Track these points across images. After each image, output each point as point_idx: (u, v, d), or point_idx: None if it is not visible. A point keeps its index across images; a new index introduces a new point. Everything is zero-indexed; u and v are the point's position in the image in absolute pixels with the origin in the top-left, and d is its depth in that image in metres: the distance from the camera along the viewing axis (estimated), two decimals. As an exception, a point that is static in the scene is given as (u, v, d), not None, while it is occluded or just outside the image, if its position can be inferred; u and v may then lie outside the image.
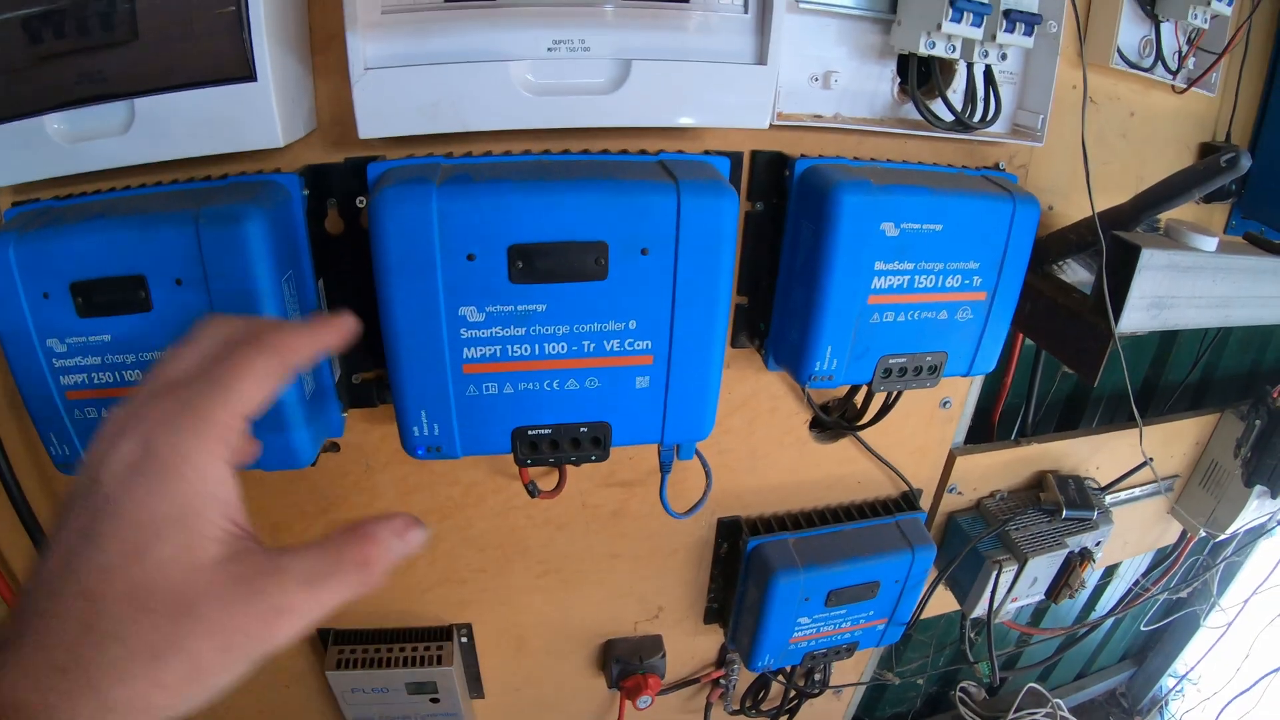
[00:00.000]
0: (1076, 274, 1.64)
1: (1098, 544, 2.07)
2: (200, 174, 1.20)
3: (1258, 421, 2.31)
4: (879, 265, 1.32)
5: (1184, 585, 3.35)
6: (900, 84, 1.46)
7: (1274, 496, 2.38)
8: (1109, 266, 1.46)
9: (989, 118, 1.44)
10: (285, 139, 1.10)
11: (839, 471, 1.83)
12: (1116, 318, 1.47)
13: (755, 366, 1.59)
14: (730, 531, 1.83)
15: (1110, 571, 3.17)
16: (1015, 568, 1.94)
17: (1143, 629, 3.75)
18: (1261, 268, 1.79)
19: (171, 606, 0.51)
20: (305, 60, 1.16)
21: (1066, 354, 1.59)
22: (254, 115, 1.08)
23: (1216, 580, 3.42)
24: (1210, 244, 1.59)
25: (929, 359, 1.43)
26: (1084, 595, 3.18)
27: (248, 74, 1.05)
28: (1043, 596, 2.07)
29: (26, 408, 1.12)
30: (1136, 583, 3.20)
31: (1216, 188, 1.41)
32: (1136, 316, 1.50)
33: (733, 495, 1.78)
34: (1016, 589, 1.98)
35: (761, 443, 1.72)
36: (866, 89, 1.46)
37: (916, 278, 1.35)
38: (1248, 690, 4.02)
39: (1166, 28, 1.71)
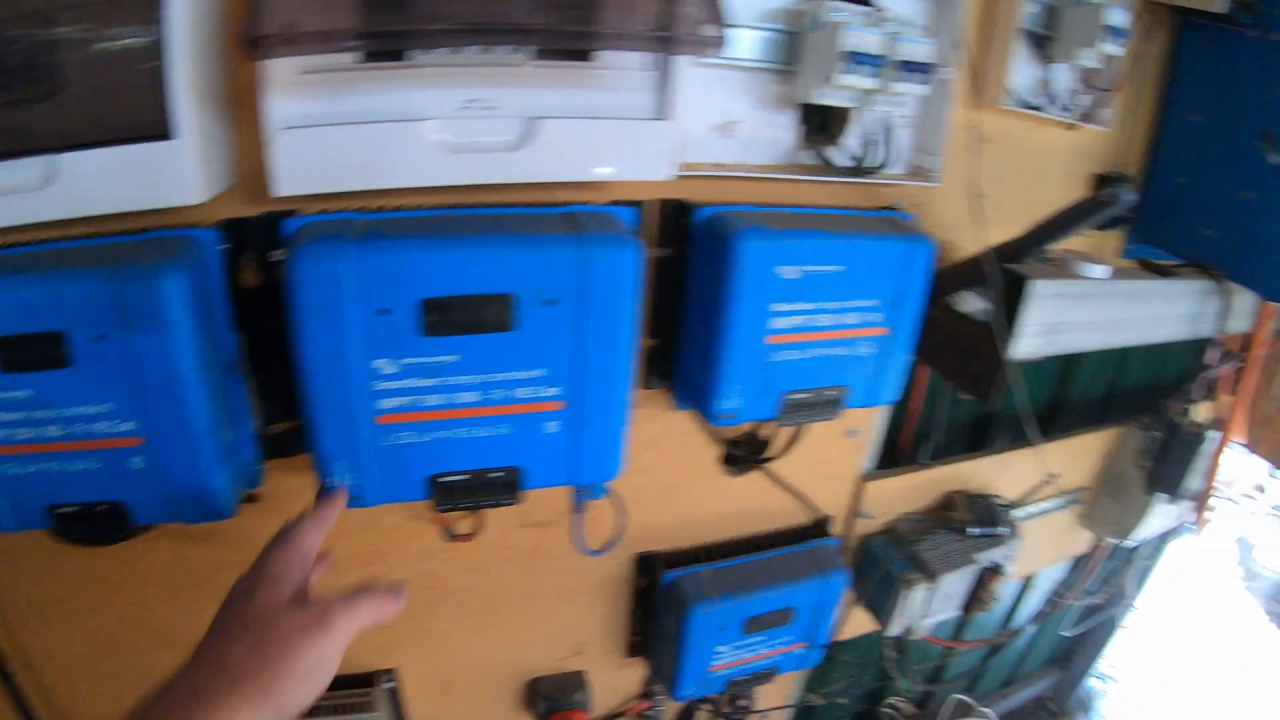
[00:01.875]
0: (977, 304, 1.70)
1: (1008, 558, 2.14)
2: (118, 228, 1.19)
3: (1157, 433, 2.41)
4: (778, 306, 1.36)
5: (1100, 591, 3.46)
6: (803, 132, 1.51)
7: (1173, 502, 2.49)
8: (1001, 297, 1.52)
9: (884, 164, 1.49)
10: (203, 195, 1.11)
11: (752, 503, 1.87)
12: (1011, 345, 1.53)
13: (666, 406, 1.62)
14: (648, 566, 1.85)
15: (1029, 582, 3.24)
16: (928, 586, 1.99)
17: (1064, 634, 3.84)
18: (1150, 290, 1.87)
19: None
20: (225, 114, 1.16)
21: (964, 381, 1.65)
22: (173, 173, 1.08)
23: (1131, 584, 3.53)
24: (1100, 272, 1.66)
25: (830, 393, 1.48)
26: (1006, 606, 3.26)
27: (167, 132, 1.05)
28: (958, 611, 2.14)
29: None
30: (1055, 592, 3.28)
31: (1103, 220, 1.48)
32: (1030, 343, 1.57)
33: (649, 530, 1.80)
34: (931, 606, 2.04)
35: (675, 479, 1.75)
36: (769, 137, 1.50)
37: (816, 317, 1.39)
38: (1167, 685, 4.17)
39: (1061, 68, 1.79)
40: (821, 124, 1.46)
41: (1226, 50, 1.92)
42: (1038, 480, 2.27)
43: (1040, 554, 2.74)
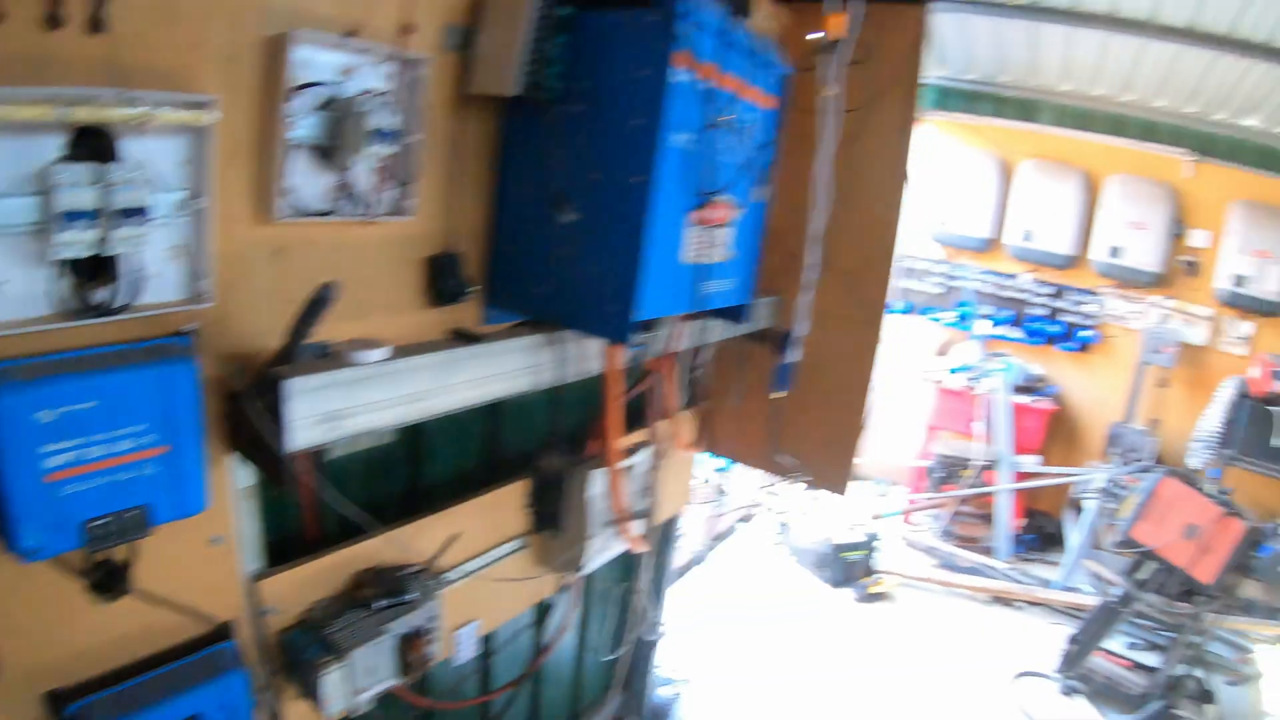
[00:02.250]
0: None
1: (430, 619, 2.32)
2: None
3: (535, 479, 2.79)
4: (47, 448, 1.50)
5: (609, 616, 3.79)
6: (71, 281, 1.61)
7: (559, 534, 2.87)
8: (269, 399, 1.73)
9: (132, 299, 1.65)
10: None
11: (141, 623, 1.91)
12: (287, 439, 1.74)
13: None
14: (56, 703, 1.84)
15: (542, 621, 3.49)
16: (340, 665, 2.12)
17: (606, 660, 4.15)
18: (453, 359, 2.15)
19: None
20: None
21: (268, 471, 1.85)
22: None
23: (649, 601, 3.87)
24: (377, 355, 1.90)
25: (131, 514, 1.63)
26: (526, 650, 3.47)
27: None
28: (395, 679, 2.28)
29: None
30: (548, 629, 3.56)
31: (319, 314, 1.79)
32: (309, 434, 1.78)
33: (50, 668, 1.81)
34: (356, 681, 2.17)
35: (45, 614, 1.76)
36: (44, 290, 1.59)
37: (88, 450, 1.54)
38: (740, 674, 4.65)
39: (358, 171, 2.04)
40: (79, 272, 1.59)
41: (536, 126, 2.28)
42: (449, 541, 2.51)
43: (510, 601, 3.02)
